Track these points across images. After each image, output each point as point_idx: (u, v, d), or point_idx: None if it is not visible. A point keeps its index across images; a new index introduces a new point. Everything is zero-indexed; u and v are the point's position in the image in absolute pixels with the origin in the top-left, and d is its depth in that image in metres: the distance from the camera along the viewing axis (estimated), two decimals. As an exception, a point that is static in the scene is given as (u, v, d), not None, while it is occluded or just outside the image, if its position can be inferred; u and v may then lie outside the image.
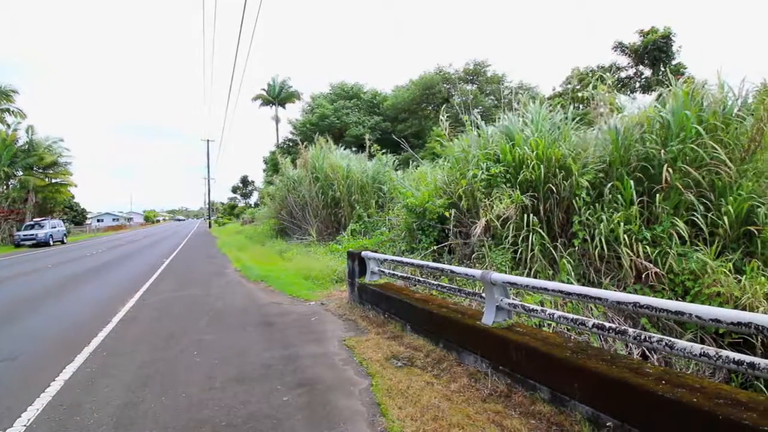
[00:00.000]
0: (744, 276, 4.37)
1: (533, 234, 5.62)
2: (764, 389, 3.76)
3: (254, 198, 67.63)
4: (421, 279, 5.62)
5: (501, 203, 5.83)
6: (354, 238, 11.38)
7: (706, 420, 2.08)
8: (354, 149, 18.52)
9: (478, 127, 7.63)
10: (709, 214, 4.98)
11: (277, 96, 46.36)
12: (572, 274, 5.22)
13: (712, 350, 2.35)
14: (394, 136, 17.71)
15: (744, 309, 4.03)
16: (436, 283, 5.36)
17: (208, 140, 45.20)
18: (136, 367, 4.17)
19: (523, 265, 5.63)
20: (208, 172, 47.60)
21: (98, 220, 77.40)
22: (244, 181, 75.02)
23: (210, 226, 46.49)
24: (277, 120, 45.98)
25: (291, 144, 38.51)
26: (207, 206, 57.79)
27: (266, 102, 47.36)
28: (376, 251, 6.85)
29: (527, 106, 7.09)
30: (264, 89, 47.35)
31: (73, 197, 45.41)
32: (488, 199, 6.24)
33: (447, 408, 3.04)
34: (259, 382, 3.71)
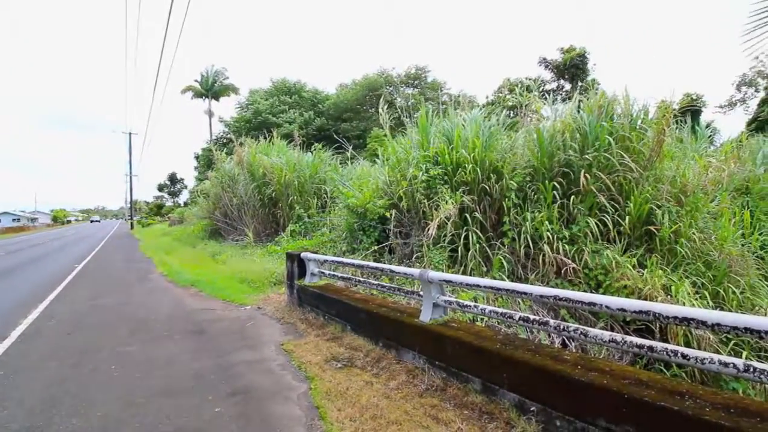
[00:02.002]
0: (646, 270, 4.96)
1: (471, 234, 5.90)
2: (663, 369, 4.31)
3: (184, 197, 63.11)
4: (361, 279, 5.63)
5: (447, 204, 6.03)
6: (294, 239, 11.09)
7: (614, 399, 2.33)
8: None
9: (418, 126, 7.80)
10: (615, 215, 5.58)
11: (210, 88, 43.77)
12: (504, 270, 5.56)
13: (619, 336, 2.64)
14: (335, 136, 17.55)
15: (645, 299, 4.58)
16: (376, 282, 5.41)
17: (130, 133, 41.31)
18: (41, 386, 3.69)
19: (459, 263, 5.88)
20: (130, 168, 43.51)
21: (-7, 221, 67.28)
22: (173, 178, 69.67)
23: (132, 227, 42.54)
24: (210, 114, 43.43)
25: (226, 140, 36.62)
26: (129, 205, 52.80)
27: (198, 94, 44.48)
28: (316, 252, 6.74)
29: (465, 110, 7.43)
30: (196, 80, 44.44)
31: (-41, 194, 39.03)
32: (428, 201, 6.43)
33: (386, 406, 3.08)
34: (187, 394, 3.47)
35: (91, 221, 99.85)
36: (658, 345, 2.47)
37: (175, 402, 3.32)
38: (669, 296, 4.66)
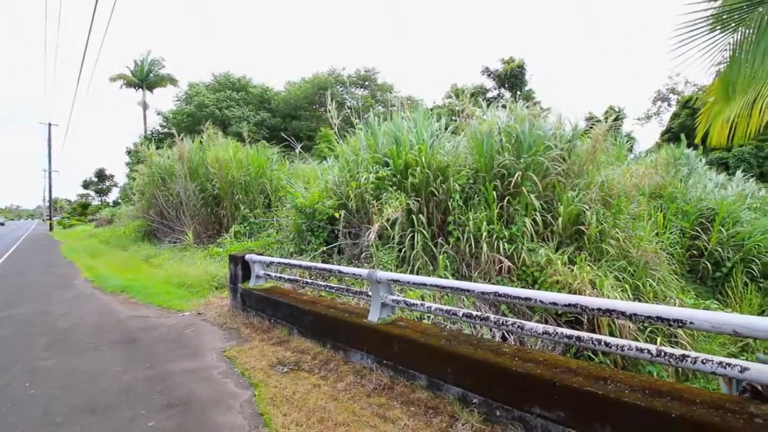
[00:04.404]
0: (576, 266, 5.38)
1: (417, 234, 6.02)
2: (590, 357, 4.70)
3: (114, 195, 57.99)
4: (309, 281, 5.53)
5: (390, 207, 6.10)
6: (238, 241, 10.63)
7: (547, 386, 2.50)
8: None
9: (368, 127, 7.86)
10: (549, 216, 6.00)
11: (145, 78, 40.67)
12: (449, 269, 5.75)
13: (551, 328, 2.84)
14: (284, 135, 16.98)
15: (575, 293, 4.96)
16: (324, 284, 5.35)
17: (49, 123, 37.18)
18: (-69, 412, 3.20)
19: (407, 263, 5.99)
20: (50, 162, 39.10)
21: None
22: (101, 175, 63.62)
23: (51, 229, 38.30)
24: (144, 106, 40.34)
25: (162, 135, 34.22)
26: (47, 204, 47.45)
27: (131, 84, 41.13)
28: (261, 254, 6.51)
29: (412, 113, 7.58)
30: (128, 67, 41.05)
31: None
32: (377, 201, 6.47)
33: (333, 408, 3.06)
34: (117, 409, 3.20)
35: None
36: (585, 335, 2.69)
37: (102, 418, 3.04)
38: (595, 290, 5.09)
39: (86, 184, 64.37)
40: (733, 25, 4.78)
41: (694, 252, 7.98)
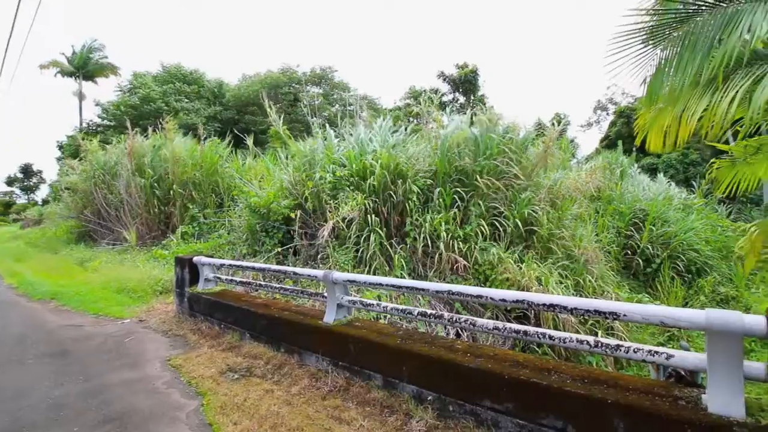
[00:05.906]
0: (524, 264, 5.64)
1: (373, 234, 6.03)
2: (536, 350, 4.95)
3: (43, 193, 52.85)
4: (263, 283, 5.37)
5: (346, 206, 6.06)
6: (186, 242, 10.08)
7: (497, 380, 2.60)
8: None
9: (325, 129, 7.83)
10: (501, 217, 6.26)
11: (83, 66, 37.38)
12: (405, 269, 5.81)
13: (500, 324, 2.95)
14: (236, 130, 16.26)
15: (523, 290, 5.20)
16: (279, 286, 5.21)
17: (-36, 113, 33.14)
18: None
19: (364, 264, 5.98)
20: (-35, 156, 34.91)
21: None
22: (27, 170, 57.74)
23: (-32, 230, 34.19)
24: (80, 96, 37.06)
25: (100, 128, 31.65)
26: (-38, 203, 42.22)
27: (66, 72, 37.63)
28: (212, 256, 6.22)
29: (374, 120, 7.65)
30: (65, 55, 37.54)
31: None
32: (334, 201, 6.41)
33: (287, 413, 2.98)
34: (45, 428, 2.92)
35: None
36: (531, 329, 2.83)
37: (26, 440, 2.76)
38: (541, 286, 5.36)
39: (10, 181, 58.15)
40: (664, 42, 5.21)
41: (628, 251, 8.66)
